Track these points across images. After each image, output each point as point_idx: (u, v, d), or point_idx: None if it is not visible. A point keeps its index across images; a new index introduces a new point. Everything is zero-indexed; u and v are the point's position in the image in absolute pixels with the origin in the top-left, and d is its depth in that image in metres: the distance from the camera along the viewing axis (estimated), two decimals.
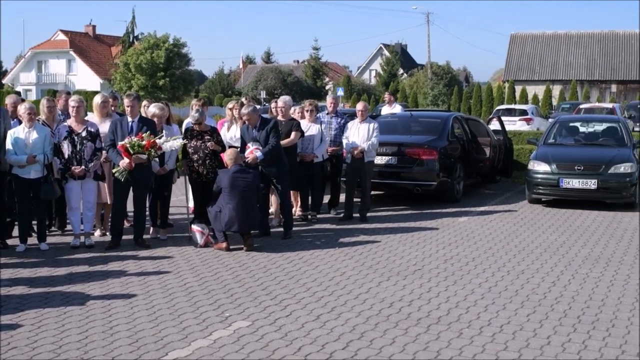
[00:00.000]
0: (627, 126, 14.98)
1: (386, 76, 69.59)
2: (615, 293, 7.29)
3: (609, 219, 11.60)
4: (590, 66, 55.75)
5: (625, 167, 12.35)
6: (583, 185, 12.29)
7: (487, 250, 9.27)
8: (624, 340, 5.89)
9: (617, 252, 9.19)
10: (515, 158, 16.73)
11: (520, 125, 28.25)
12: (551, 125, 15.06)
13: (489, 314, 6.57)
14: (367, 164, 11.35)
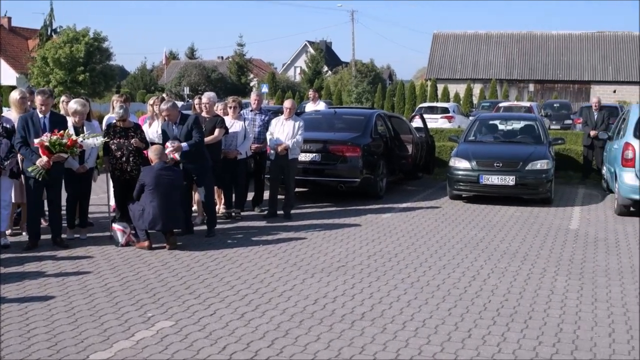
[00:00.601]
0: (544, 124, 15.45)
1: (311, 73, 69.74)
2: (532, 286, 7.52)
3: (526, 214, 11.95)
4: (509, 66, 57.23)
5: (541, 164, 12.73)
6: (502, 181, 12.62)
7: (410, 246, 9.41)
8: (541, 332, 6.07)
9: (533, 247, 9.47)
10: (437, 155, 17.06)
11: (442, 123, 28.80)
12: (471, 123, 15.41)
13: (412, 309, 6.67)
14: (291, 161, 11.35)
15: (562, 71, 56.18)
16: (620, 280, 7.80)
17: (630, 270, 8.23)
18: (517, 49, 58.36)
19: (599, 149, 15.58)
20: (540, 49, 58.02)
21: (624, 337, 5.99)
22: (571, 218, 11.74)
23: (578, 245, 9.64)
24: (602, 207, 12.97)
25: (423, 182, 16.15)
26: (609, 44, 57.43)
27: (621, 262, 8.68)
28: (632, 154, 11.46)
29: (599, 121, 16.09)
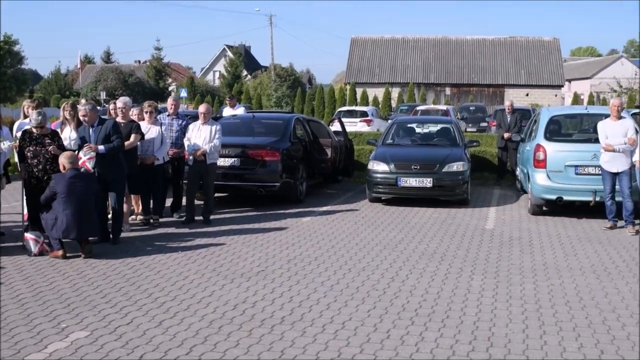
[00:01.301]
0: (459, 127, 15.79)
1: (230, 77, 69.35)
2: (450, 286, 7.65)
3: (444, 215, 12.17)
4: (426, 70, 58.27)
5: (457, 166, 13.00)
6: (419, 183, 12.82)
7: (330, 249, 9.45)
8: (458, 330, 6.19)
9: (451, 247, 9.65)
10: (356, 158, 17.21)
11: (361, 127, 29.07)
12: (389, 127, 15.61)
13: (331, 312, 6.69)
14: (209, 165, 11.24)
15: (477, 75, 57.58)
16: (534, 278, 8.02)
17: (543, 268, 8.48)
18: (434, 53, 59.50)
19: (512, 150, 16.01)
20: (456, 53, 59.32)
21: (537, 332, 6.16)
22: (487, 218, 12.02)
23: (493, 244, 9.88)
24: (516, 207, 13.33)
25: (342, 185, 16.26)
26: (521, 49, 59.21)
27: (534, 260, 8.93)
28: (543, 155, 11.82)
29: (512, 124, 16.54)
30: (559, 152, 11.79)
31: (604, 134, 10.92)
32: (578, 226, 11.31)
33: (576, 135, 13.19)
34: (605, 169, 10.92)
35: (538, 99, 53.54)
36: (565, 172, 11.67)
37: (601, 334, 6.17)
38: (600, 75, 68.61)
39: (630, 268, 8.54)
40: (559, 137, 12.47)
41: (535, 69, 57.64)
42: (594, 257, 9.15)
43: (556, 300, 7.14)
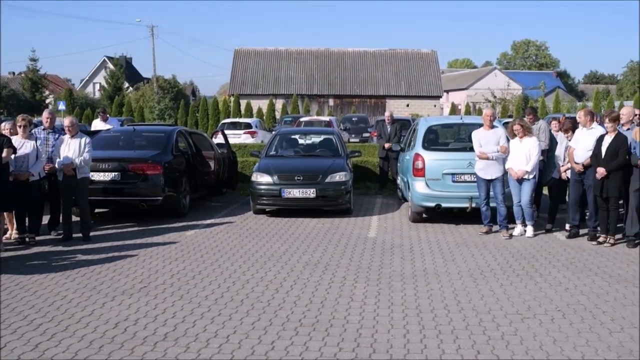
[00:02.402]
0: (342, 138, 16.04)
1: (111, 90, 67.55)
2: (333, 294, 7.75)
3: (327, 225, 12.31)
4: (309, 81, 58.89)
5: (340, 176, 13.19)
6: (303, 194, 12.92)
7: (214, 263, 9.37)
8: (341, 338, 6.27)
9: (334, 256, 9.78)
10: (240, 170, 17.17)
11: (245, 139, 29.03)
12: (272, 138, 15.67)
13: (216, 326, 6.64)
14: (80, 180, 10.89)
15: (359, 86, 58.70)
16: (414, 284, 8.24)
17: (423, 274, 8.73)
18: (317, 65, 60.23)
19: (393, 160, 16.40)
20: (339, 65, 60.30)
21: (417, 336, 6.33)
22: (369, 227, 12.25)
23: (376, 252, 10.08)
24: (397, 215, 13.66)
25: (227, 197, 16.18)
26: (401, 61, 60.87)
27: (415, 266, 9.18)
28: (421, 164, 12.17)
29: (392, 134, 16.95)
30: (436, 160, 12.17)
31: (478, 142, 11.38)
32: (456, 232, 11.71)
33: (452, 144, 13.65)
34: (479, 176, 11.38)
35: (418, 109, 55.17)
36: (443, 180, 12.06)
37: (478, 335, 6.40)
38: (476, 86, 71.48)
39: (505, 270, 8.92)
40: (437, 147, 12.87)
41: (415, 81, 59.37)
42: (471, 261, 9.50)
43: (435, 305, 7.37)
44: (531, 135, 11.32)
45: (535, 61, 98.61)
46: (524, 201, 11.18)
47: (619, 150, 10.23)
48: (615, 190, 10.38)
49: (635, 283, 8.31)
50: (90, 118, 35.42)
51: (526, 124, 11.56)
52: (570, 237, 11.13)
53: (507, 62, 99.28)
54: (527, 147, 11.11)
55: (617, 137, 10.34)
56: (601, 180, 10.35)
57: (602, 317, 6.95)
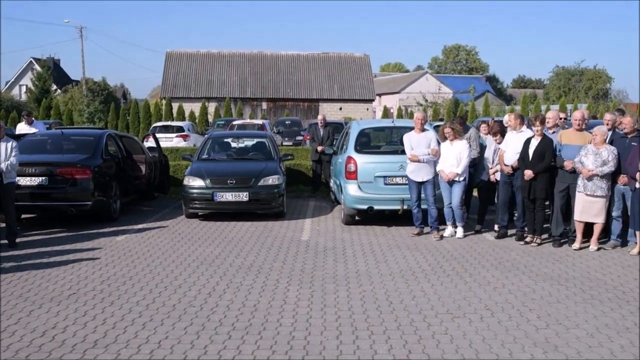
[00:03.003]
0: (274, 141, 16.03)
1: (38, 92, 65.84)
2: (266, 298, 7.74)
3: (260, 229, 12.29)
4: (242, 84, 58.63)
5: (273, 179, 13.19)
6: (236, 198, 12.86)
7: (145, 268, 9.24)
8: (274, 341, 6.27)
9: (267, 259, 9.76)
10: (172, 174, 16.98)
11: (177, 142, 28.73)
12: (204, 142, 15.55)
13: (147, 332, 6.55)
14: (7, 185, 10.57)
15: (292, 90, 58.76)
16: (347, 285, 8.30)
17: (356, 275, 8.80)
18: (250, 68, 60.03)
19: (326, 163, 16.47)
20: (272, 68, 60.22)
21: (350, 338, 6.38)
22: (302, 230, 12.28)
23: (309, 255, 10.11)
24: (330, 217, 13.73)
25: (159, 201, 15.99)
26: (334, 65, 61.18)
27: (348, 268, 9.24)
28: (354, 167, 12.27)
29: (324, 137, 17.02)
30: (368, 163, 12.28)
31: (410, 145, 11.54)
32: (388, 234, 11.84)
33: (384, 147, 13.80)
34: (411, 179, 11.53)
35: (351, 112, 55.56)
36: (375, 182, 12.18)
37: (409, 334, 6.50)
38: (408, 89, 72.44)
39: (435, 271, 9.07)
40: (369, 149, 12.99)
41: (348, 84, 59.76)
42: (403, 262, 9.62)
43: (368, 306, 7.43)
44: (461, 138, 11.54)
45: (466, 66, 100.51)
46: (455, 203, 11.39)
47: (545, 152, 10.53)
48: (542, 191, 10.67)
49: (559, 281, 8.57)
50: (16, 121, 34.46)
51: (457, 127, 11.78)
52: (499, 237, 11.39)
53: (438, 66, 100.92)
54: (458, 149, 11.33)
55: (544, 140, 10.63)
56: (528, 182, 10.63)
57: (529, 315, 7.14)
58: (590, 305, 7.50)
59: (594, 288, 8.24)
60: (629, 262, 9.63)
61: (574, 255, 10.08)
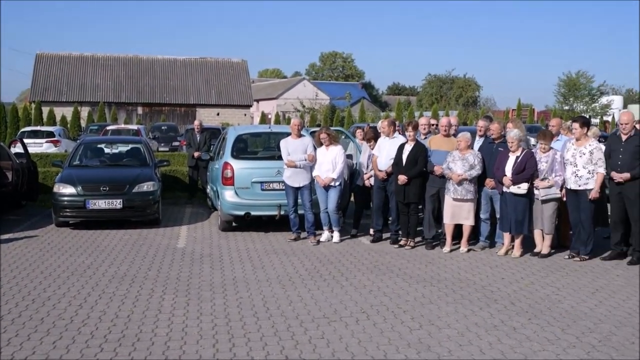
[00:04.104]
0: (150, 147, 15.69)
1: None
2: (140, 308, 7.55)
3: (135, 237, 11.99)
4: (117, 89, 57.09)
5: (148, 186, 12.90)
6: (109, 205, 12.49)
7: (11, 280, 8.81)
8: (149, 352, 6.13)
9: (142, 268, 9.53)
10: (41, 181, 16.31)
11: (48, 148, 27.61)
12: (76, 147, 15.03)
13: (12, 348, 6.24)
14: None
15: (169, 94, 57.77)
16: (224, 293, 8.22)
17: (233, 282, 8.73)
18: (124, 72, 58.55)
19: (203, 169, 16.28)
20: (147, 72, 58.99)
21: (227, 345, 6.33)
22: (179, 237, 12.08)
23: (185, 263, 9.95)
24: (207, 224, 13.57)
25: (27, 210, 15.30)
26: (212, 69, 60.64)
27: (225, 275, 9.16)
28: (230, 173, 12.18)
29: (201, 142, 16.81)
30: (245, 169, 12.24)
31: (286, 151, 11.58)
32: (265, 239, 11.83)
33: (261, 152, 13.80)
34: (288, 184, 11.58)
35: (229, 118, 55.25)
36: (252, 188, 12.15)
37: (286, 340, 6.50)
38: (286, 95, 72.79)
39: (312, 276, 9.13)
40: (245, 155, 12.96)
41: (225, 89, 59.40)
42: (280, 268, 9.63)
43: (245, 313, 7.39)
44: (337, 144, 11.70)
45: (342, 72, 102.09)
46: (331, 208, 11.52)
47: (418, 158, 10.83)
48: (416, 196, 10.96)
49: (432, 282, 8.82)
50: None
51: (332, 132, 11.94)
52: (374, 241, 11.61)
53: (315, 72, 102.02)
54: (333, 155, 11.47)
55: (417, 146, 10.94)
56: (402, 186, 10.89)
57: (403, 316, 7.31)
58: (460, 305, 7.76)
59: (464, 288, 8.54)
60: (497, 263, 10.05)
61: (445, 257, 10.41)
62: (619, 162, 9.91)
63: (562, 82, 58.07)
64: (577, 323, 7.12)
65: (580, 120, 10.33)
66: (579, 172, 9.98)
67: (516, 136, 10.32)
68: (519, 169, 10.14)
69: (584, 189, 9.98)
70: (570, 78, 57.64)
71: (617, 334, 6.79)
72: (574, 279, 9.07)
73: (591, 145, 10.05)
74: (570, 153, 10.14)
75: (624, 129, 9.99)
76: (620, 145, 9.97)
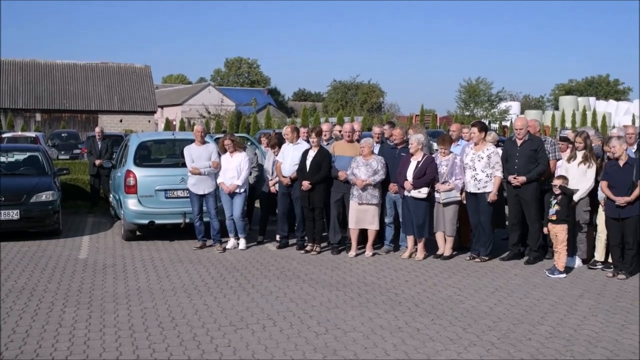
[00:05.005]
0: (48, 155, 15.19)
1: None
2: (40, 322, 7.30)
3: (34, 249, 11.58)
4: (13, 94, 55.04)
5: (47, 196, 12.49)
6: (5, 216, 12.01)
7: None
8: None
9: (41, 281, 9.22)
10: None
11: None
12: None
13: None
14: None
15: (69, 101, 56.14)
16: (128, 304, 8.05)
17: (137, 293, 8.56)
18: (21, 77, 56.49)
19: (105, 177, 15.90)
20: (46, 77, 57.15)
21: (131, 357, 6.21)
22: (80, 248, 11.75)
23: (87, 274, 9.69)
24: (110, 234, 13.26)
25: None
26: (114, 75, 59.32)
27: (128, 285, 8.98)
28: (133, 181, 11.96)
29: (103, 150, 16.41)
30: (148, 177, 12.04)
31: (190, 158, 11.46)
32: (170, 248, 11.66)
33: (165, 160, 13.61)
34: (192, 192, 11.45)
35: (132, 125, 54.17)
36: (156, 196, 11.96)
37: (192, 349, 6.44)
38: (191, 102, 72.01)
39: (219, 284, 9.07)
40: (149, 163, 12.75)
41: (128, 95, 58.24)
42: (186, 277, 9.52)
43: (149, 323, 7.27)
44: (241, 150, 11.66)
45: (248, 78, 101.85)
46: (236, 215, 11.47)
47: (321, 163, 10.92)
48: (320, 201, 11.05)
49: (338, 287, 8.91)
50: None
51: (236, 139, 11.90)
52: (281, 247, 11.63)
53: (221, 78, 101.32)
54: (238, 161, 11.42)
55: (320, 152, 11.03)
56: (307, 192, 10.96)
57: (309, 322, 7.35)
58: (366, 309, 7.87)
59: (370, 292, 8.67)
60: (401, 266, 10.24)
61: (351, 262, 10.54)
62: (515, 166, 10.29)
63: (462, 89, 59.83)
64: (477, 322, 7.35)
65: (479, 125, 10.67)
66: (478, 176, 10.31)
67: (418, 141, 10.55)
68: (420, 174, 10.38)
69: (483, 192, 10.31)
70: (471, 84, 59.45)
71: (515, 330, 7.05)
72: (475, 280, 9.35)
73: (489, 150, 10.40)
74: (469, 157, 10.47)
75: (518, 134, 10.39)
76: (516, 150, 10.36)
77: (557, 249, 9.64)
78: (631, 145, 10.46)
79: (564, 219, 9.62)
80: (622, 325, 7.27)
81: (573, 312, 7.78)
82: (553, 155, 10.58)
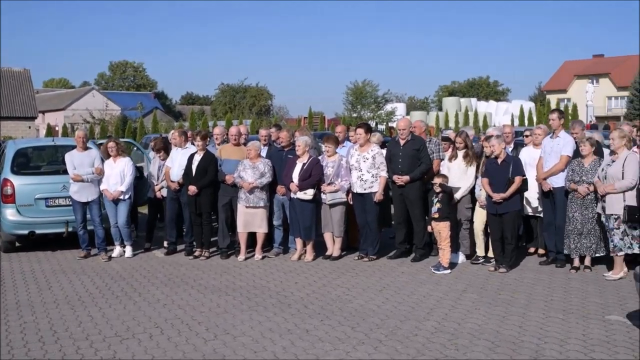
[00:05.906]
0: None
1: None
2: None
3: None
4: None
5: None
6: None
7: None
8: None
9: None
10: None
11: None
12: None
13: None
14: None
15: None
16: (6, 319, 7.71)
17: (16, 307, 8.20)
18: None
19: None
20: None
21: None
22: None
23: None
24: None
25: None
26: None
27: (7, 300, 8.59)
28: (11, 190, 11.47)
29: None
30: (27, 185, 11.60)
31: (72, 164, 11.09)
32: (53, 259, 11.25)
33: (45, 167, 13.14)
34: (75, 199, 11.09)
35: (11, 131, 51.89)
36: (36, 205, 11.53)
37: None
38: (74, 106, 69.74)
39: (104, 293, 8.81)
40: (28, 170, 12.30)
41: (7, 101, 55.82)
42: (69, 287, 9.20)
43: (29, 338, 6.98)
44: (125, 155, 11.39)
45: (134, 82, 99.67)
46: (121, 222, 11.18)
47: (208, 167, 10.81)
48: (208, 205, 10.95)
49: (227, 292, 8.84)
50: None
51: (120, 142, 11.62)
52: (168, 253, 11.43)
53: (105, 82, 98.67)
54: (121, 167, 11.15)
55: (206, 155, 10.92)
56: (194, 196, 10.82)
57: (198, 328, 7.25)
58: (255, 312, 7.84)
59: (259, 295, 8.64)
60: (290, 268, 10.27)
61: (240, 266, 10.48)
62: (399, 166, 10.51)
63: (350, 91, 60.58)
64: (365, 320, 7.45)
65: (365, 126, 10.84)
66: (364, 176, 10.46)
67: (304, 143, 10.61)
68: (305, 175, 10.45)
69: (369, 192, 10.48)
70: (357, 87, 60.29)
71: (402, 327, 7.19)
72: (363, 279, 9.48)
73: (373, 151, 10.58)
74: (355, 158, 10.62)
75: (401, 134, 10.63)
76: (400, 150, 10.58)
77: (441, 245, 9.90)
78: (509, 144, 10.92)
79: (446, 216, 9.90)
80: (502, 317, 7.54)
81: (457, 306, 8.02)
82: (437, 155, 10.88)
